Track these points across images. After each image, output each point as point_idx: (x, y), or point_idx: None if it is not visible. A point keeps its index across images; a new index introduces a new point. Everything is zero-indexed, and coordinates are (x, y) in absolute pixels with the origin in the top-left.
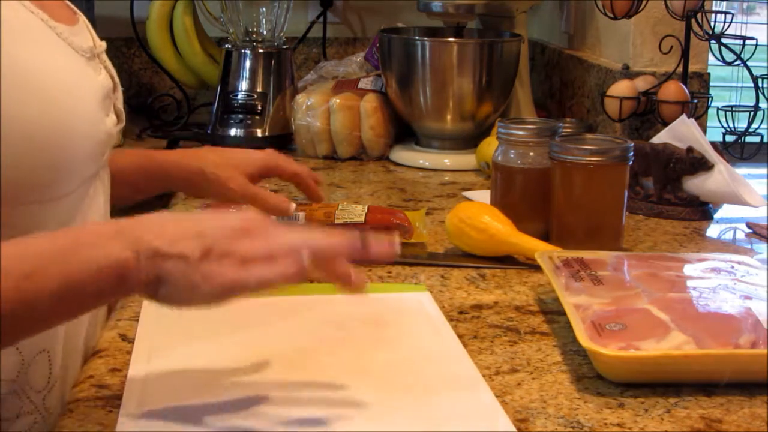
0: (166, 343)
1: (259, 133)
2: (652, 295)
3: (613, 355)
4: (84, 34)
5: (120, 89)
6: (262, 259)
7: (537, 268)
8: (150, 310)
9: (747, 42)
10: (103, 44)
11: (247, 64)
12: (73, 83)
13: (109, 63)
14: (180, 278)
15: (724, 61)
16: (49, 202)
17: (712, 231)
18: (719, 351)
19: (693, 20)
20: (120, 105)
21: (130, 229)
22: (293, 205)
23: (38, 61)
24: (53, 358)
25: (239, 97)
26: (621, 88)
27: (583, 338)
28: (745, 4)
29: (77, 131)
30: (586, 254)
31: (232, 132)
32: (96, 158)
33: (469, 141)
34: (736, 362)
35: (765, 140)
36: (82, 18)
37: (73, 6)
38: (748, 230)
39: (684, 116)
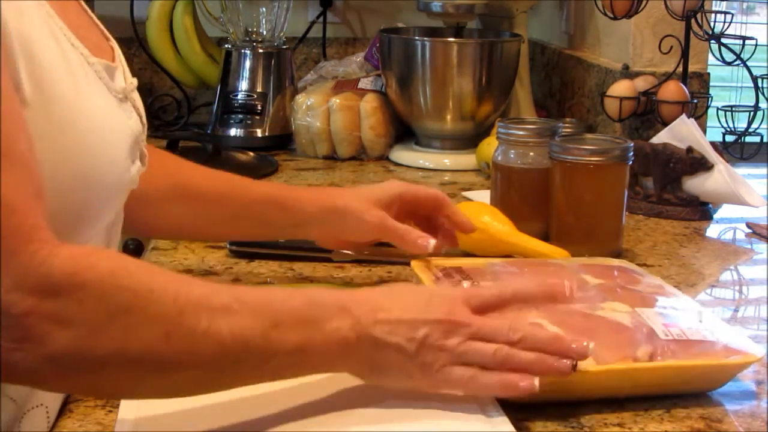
0: None
1: (259, 133)
2: (541, 307)
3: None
4: (119, 70)
5: (146, 131)
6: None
7: None
8: None
9: (747, 42)
10: (135, 81)
11: (247, 64)
12: (106, 128)
13: (139, 101)
14: (395, 367)
15: (723, 61)
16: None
17: (712, 231)
18: (621, 366)
19: (693, 20)
20: (144, 148)
21: (352, 306)
22: (432, 242)
23: (75, 102)
24: (50, 413)
25: (239, 97)
26: (621, 88)
27: None
28: (745, 4)
29: (103, 179)
30: (465, 262)
31: (232, 132)
32: (115, 206)
33: (469, 141)
34: (637, 377)
35: (765, 140)
36: (117, 50)
37: (107, 33)
38: (747, 230)
39: (684, 116)
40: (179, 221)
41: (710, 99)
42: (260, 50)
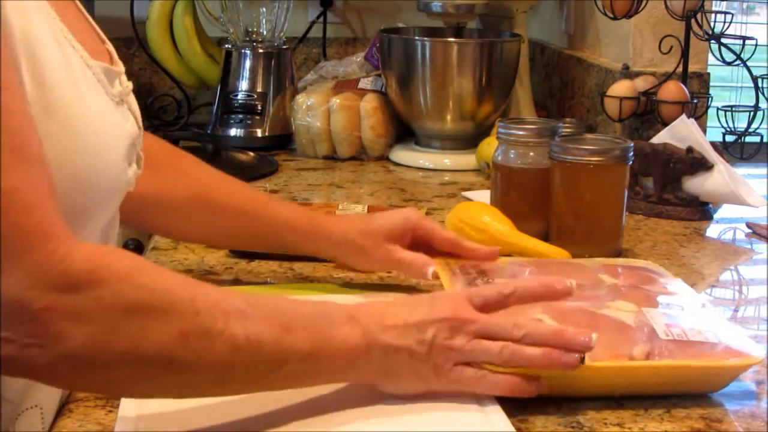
0: None
1: (259, 133)
2: (547, 304)
3: (502, 370)
4: (114, 73)
5: (142, 134)
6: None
7: None
8: None
9: (747, 42)
10: (130, 85)
11: (247, 64)
12: (103, 131)
13: (135, 105)
14: (408, 371)
15: (724, 61)
16: None
17: (712, 231)
18: (613, 363)
19: (693, 20)
20: (141, 151)
21: (360, 316)
22: (430, 270)
23: (74, 105)
24: (45, 414)
25: (239, 97)
26: (621, 88)
27: None
28: (745, 4)
29: (99, 182)
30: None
31: (232, 132)
32: (111, 208)
33: (469, 141)
34: (630, 375)
35: (765, 140)
36: (114, 53)
37: (103, 36)
38: (747, 230)
39: (684, 116)
40: (198, 231)
41: (710, 99)
42: (260, 50)
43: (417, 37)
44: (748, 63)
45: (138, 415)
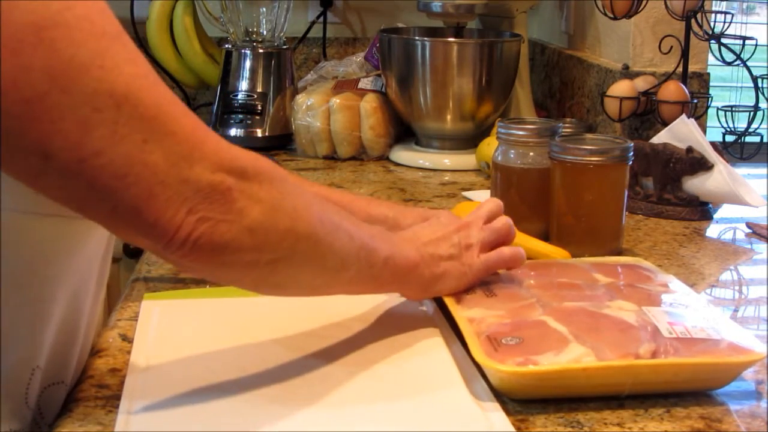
0: (166, 343)
1: (259, 133)
2: (548, 306)
3: (511, 371)
4: None
5: None
6: (490, 243)
7: None
8: (150, 310)
9: (747, 42)
10: None
11: (247, 64)
12: None
13: None
14: (451, 272)
15: (723, 61)
16: (70, 218)
17: (712, 231)
18: (620, 362)
19: (693, 20)
20: None
21: (406, 237)
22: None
23: None
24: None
25: (239, 97)
26: (621, 88)
27: (479, 354)
28: (745, 4)
29: None
30: None
31: (232, 132)
32: None
33: (469, 141)
34: (637, 373)
35: (765, 140)
36: None
37: None
38: (747, 230)
39: (684, 116)
40: None
41: (710, 99)
42: (260, 50)
43: (417, 37)
44: (748, 63)
45: (138, 415)
